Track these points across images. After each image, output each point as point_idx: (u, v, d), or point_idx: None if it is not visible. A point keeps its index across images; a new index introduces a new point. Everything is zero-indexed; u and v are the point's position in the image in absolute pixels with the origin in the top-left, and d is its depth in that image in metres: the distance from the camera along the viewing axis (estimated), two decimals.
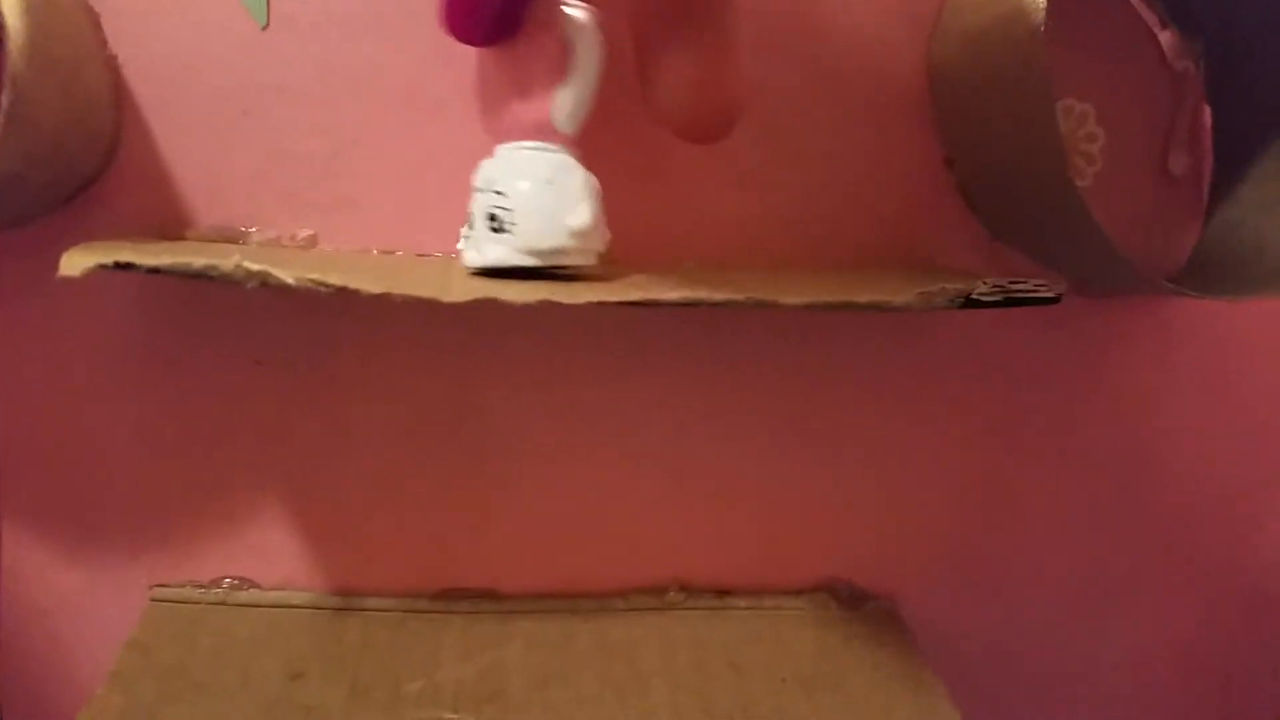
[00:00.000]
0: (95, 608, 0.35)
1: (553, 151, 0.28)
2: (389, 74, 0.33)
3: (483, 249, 0.27)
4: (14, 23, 0.26)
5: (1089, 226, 0.30)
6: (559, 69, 0.28)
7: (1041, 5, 0.29)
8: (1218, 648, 0.40)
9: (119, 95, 0.32)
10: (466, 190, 0.29)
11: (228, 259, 0.25)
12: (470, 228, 0.28)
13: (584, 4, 0.28)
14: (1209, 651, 0.40)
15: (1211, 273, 0.36)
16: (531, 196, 0.28)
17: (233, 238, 0.33)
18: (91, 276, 0.25)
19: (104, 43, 0.32)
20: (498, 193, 0.27)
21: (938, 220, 0.36)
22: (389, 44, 0.33)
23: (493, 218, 0.27)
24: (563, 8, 0.27)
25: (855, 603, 0.37)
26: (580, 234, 0.28)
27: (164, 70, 0.33)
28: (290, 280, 0.25)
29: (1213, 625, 0.40)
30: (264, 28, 0.33)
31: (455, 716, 0.31)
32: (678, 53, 0.27)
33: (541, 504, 0.36)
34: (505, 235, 0.27)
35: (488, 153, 0.29)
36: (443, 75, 0.33)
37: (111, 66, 0.32)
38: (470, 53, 0.29)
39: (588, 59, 0.28)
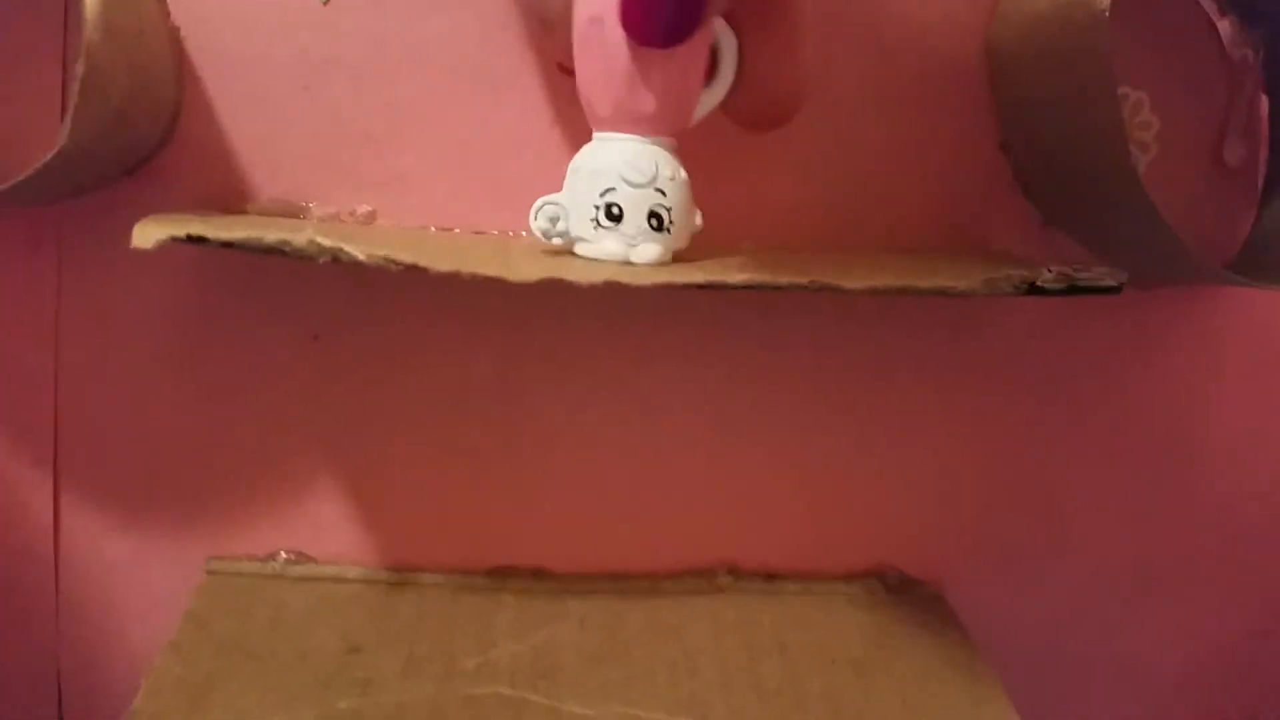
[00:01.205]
0: (150, 577, 0.35)
1: (673, 148, 0.28)
2: (448, 50, 0.33)
3: (639, 246, 0.27)
4: None
5: (1148, 214, 0.29)
6: (703, 70, 0.28)
7: None
8: (1263, 639, 0.40)
9: (180, 67, 0.32)
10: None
11: (299, 234, 0.25)
12: (614, 221, 0.27)
13: None
14: (1253, 643, 0.40)
15: (1265, 262, 0.36)
16: (685, 197, 0.28)
17: (292, 212, 0.33)
18: (154, 248, 0.25)
19: (167, 14, 0.32)
20: (660, 190, 0.27)
21: (992, 205, 0.36)
22: (448, 20, 0.33)
23: (655, 216, 0.27)
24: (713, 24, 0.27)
25: (903, 589, 0.37)
26: (696, 233, 0.29)
27: (225, 43, 0.33)
28: (362, 257, 0.25)
29: (1258, 617, 0.40)
30: (325, 3, 0.33)
31: (512, 691, 0.31)
32: (750, 45, 0.27)
33: (592, 484, 0.36)
34: (663, 235, 0.27)
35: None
36: (502, 52, 0.33)
37: (174, 38, 0.32)
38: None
39: (728, 66, 0.28)
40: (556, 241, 0.28)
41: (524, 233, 0.33)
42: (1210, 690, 0.40)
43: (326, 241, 0.25)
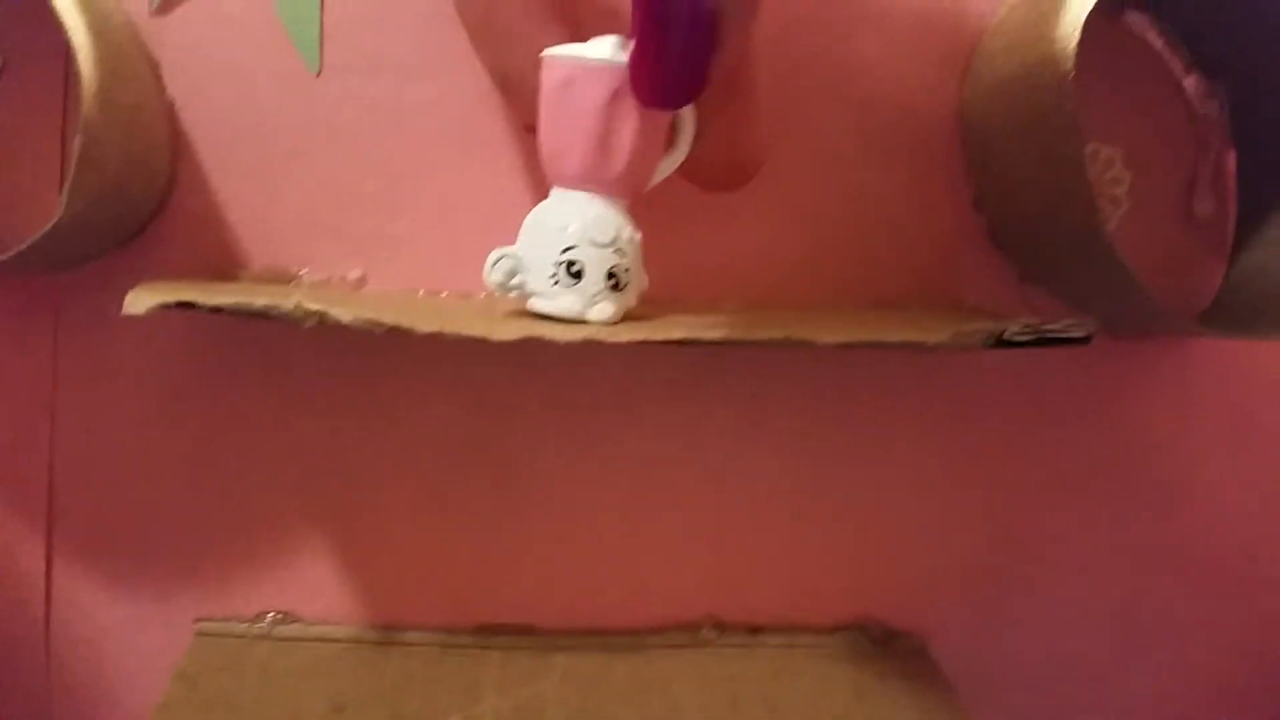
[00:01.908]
0: (141, 639, 0.35)
1: (627, 209, 0.29)
2: (436, 117, 0.34)
3: (598, 305, 0.28)
4: (88, 72, 0.27)
5: (1117, 268, 0.30)
6: (664, 135, 0.29)
7: (1071, 53, 0.30)
8: (1244, 684, 0.40)
9: (175, 139, 0.34)
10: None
11: (287, 299, 0.26)
12: (574, 279, 0.28)
13: None
14: (1235, 684, 0.40)
15: (1236, 314, 0.37)
16: (638, 258, 0.29)
17: (285, 278, 0.34)
18: (148, 314, 0.26)
19: (162, 89, 0.33)
20: (618, 251, 0.28)
21: (967, 261, 0.37)
22: (435, 88, 0.34)
23: (613, 275, 0.28)
24: None
25: (887, 641, 0.37)
26: (642, 294, 0.30)
27: (218, 115, 0.34)
28: (347, 320, 0.25)
29: (1240, 662, 0.40)
30: (317, 74, 0.34)
31: None
32: (705, 113, 0.29)
33: (577, 541, 0.37)
34: (619, 294, 0.28)
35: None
36: (488, 118, 0.34)
37: (169, 112, 0.33)
38: None
39: (686, 133, 0.29)
40: (513, 295, 0.29)
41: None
42: None
43: (312, 306, 0.26)
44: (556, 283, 0.28)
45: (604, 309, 0.28)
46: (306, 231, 0.34)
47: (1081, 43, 0.30)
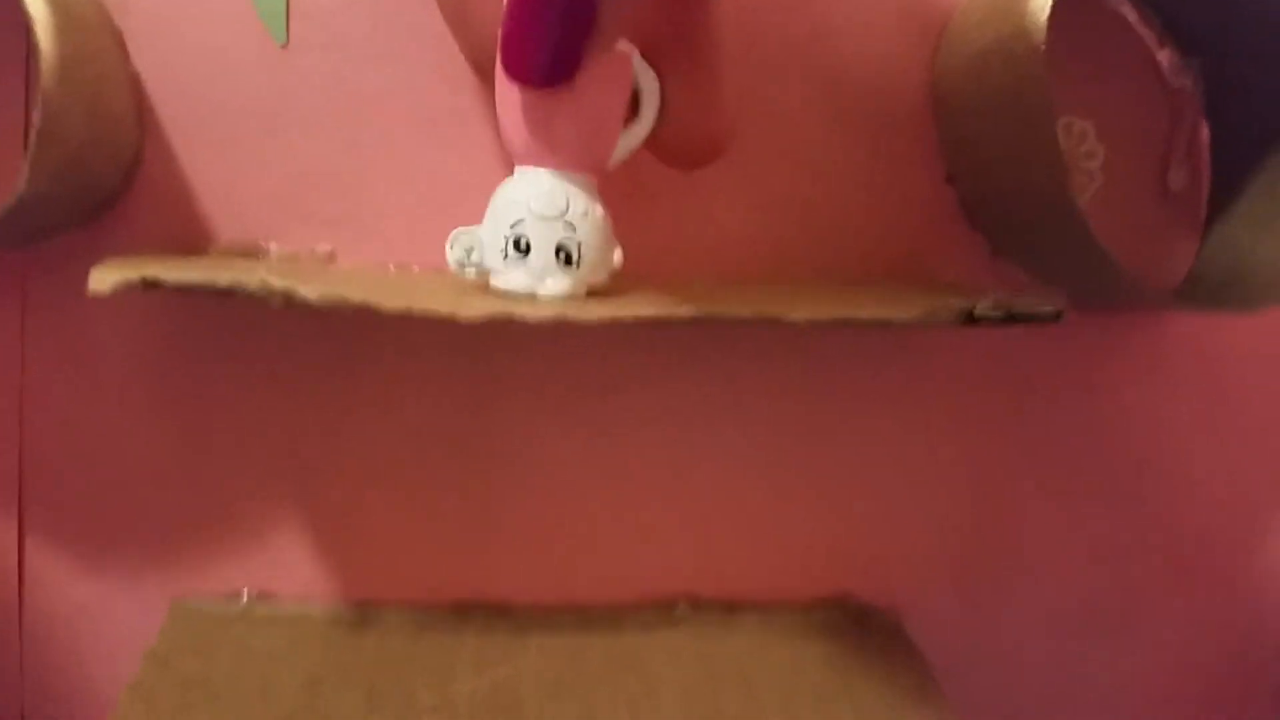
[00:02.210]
0: (116, 618, 0.35)
1: (595, 186, 0.29)
2: (403, 94, 0.34)
3: (546, 281, 0.28)
4: (46, 45, 0.26)
5: (1090, 243, 0.30)
6: (622, 110, 0.28)
7: (1042, 26, 0.29)
8: (1219, 660, 0.40)
9: (141, 113, 0.33)
10: (478, 206, 0.29)
11: (252, 276, 0.26)
12: (521, 253, 0.28)
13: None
14: (1211, 664, 0.40)
15: (1209, 287, 0.37)
16: (599, 232, 0.28)
17: (253, 253, 0.34)
18: (117, 292, 0.25)
19: (127, 60, 0.33)
20: (568, 224, 0.28)
21: (940, 237, 0.37)
22: (403, 65, 0.34)
23: (564, 250, 0.28)
24: (634, 59, 0.28)
25: (862, 617, 0.38)
26: (617, 270, 0.29)
27: (185, 88, 0.33)
28: (313, 298, 0.25)
29: (1214, 638, 0.40)
30: (283, 46, 0.34)
31: None
32: (670, 88, 0.28)
33: (553, 518, 0.37)
34: (572, 269, 0.28)
35: (498, 171, 0.30)
36: (455, 95, 0.34)
37: (134, 84, 0.33)
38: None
39: (650, 105, 0.29)
40: (470, 273, 0.29)
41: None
42: (1166, 715, 0.41)
43: (278, 283, 0.25)
44: (506, 258, 0.28)
45: (555, 284, 0.28)
46: (276, 206, 0.34)
47: (1055, 16, 0.30)
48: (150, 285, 0.26)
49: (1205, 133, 0.38)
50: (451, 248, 0.28)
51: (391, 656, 0.34)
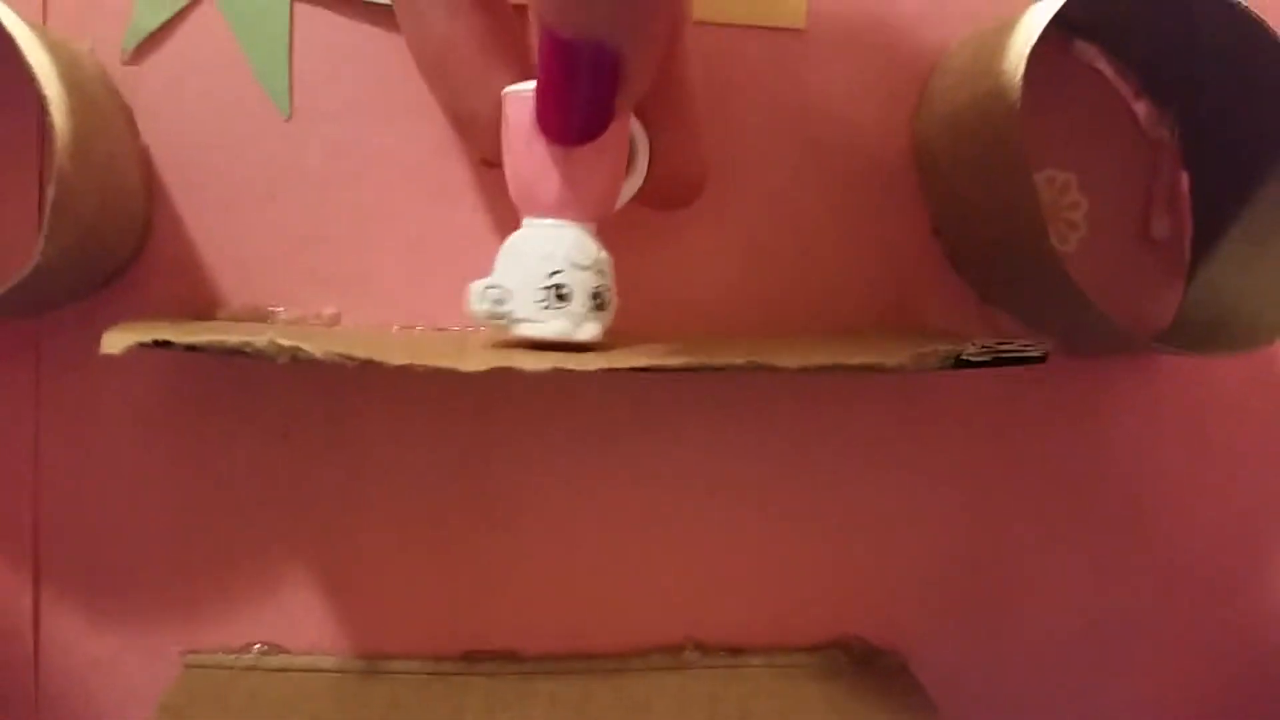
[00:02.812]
0: (129, 673, 0.36)
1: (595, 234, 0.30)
2: (404, 158, 0.35)
3: (584, 326, 0.29)
4: (61, 123, 0.27)
5: (1072, 291, 0.31)
6: (625, 157, 0.30)
7: (1017, 86, 0.30)
8: (1219, 685, 0.41)
9: (150, 184, 0.34)
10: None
11: (260, 336, 0.27)
12: (562, 302, 0.29)
13: None
14: (1211, 689, 0.41)
15: (1195, 331, 0.38)
16: (611, 277, 0.30)
17: (261, 316, 0.35)
18: (129, 354, 0.26)
19: (136, 135, 0.34)
20: (600, 272, 0.29)
21: (928, 287, 0.38)
22: (403, 132, 0.35)
23: (598, 295, 0.29)
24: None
25: (867, 659, 0.38)
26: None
27: (192, 159, 0.35)
28: (319, 354, 0.26)
29: (1213, 663, 0.41)
30: (287, 118, 0.35)
31: None
32: (654, 136, 0.30)
33: (560, 567, 0.37)
34: (603, 313, 0.29)
35: (498, 232, 0.31)
36: (453, 158, 0.35)
37: (144, 158, 0.34)
38: None
39: (642, 157, 0.30)
40: (497, 322, 0.29)
41: (482, 328, 0.35)
42: None
43: (285, 342, 0.26)
44: (546, 307, 0.29)
45: (591, 328, 0.29)
46: (281, 271, 0.35)
47: (1032, 72, 0.30)
48: (161, 345, 0.27)
49: (1185, 181, 0.39)
50: (480, 300, 0.29)
51: (402, 706, 0.34)
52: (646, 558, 0.38)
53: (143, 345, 0.26)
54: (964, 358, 0.29)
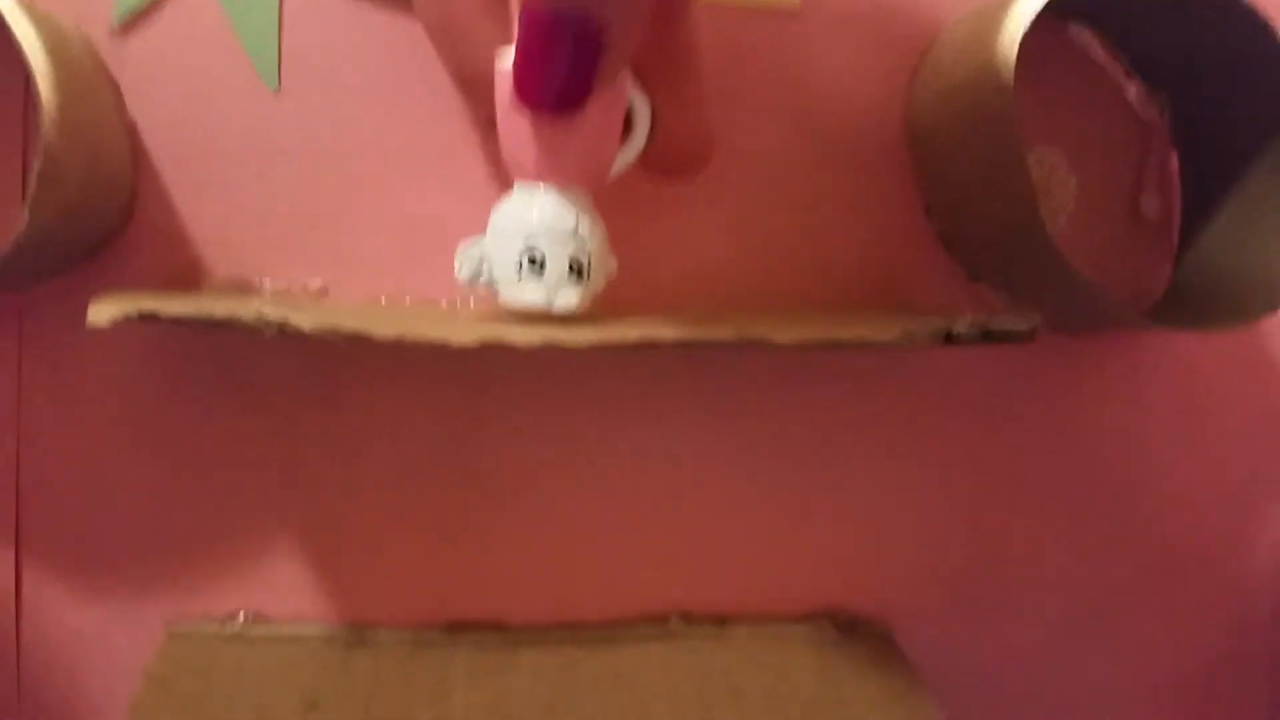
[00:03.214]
0: (113, 643, 0.36)
1: (589, 199, 0.29)
2: (391, 133, 0.35)
3: (561, 294, 0.29)
4: (47, 95, 0.27)
5: (1063, 267, 0.31)
6: (619, 128, 0.29)
7: (1011, 64, 0.31)
8: (1205, 665, 0.41)
9: (137, 157, 0.34)
10: (465, 238, 0.30)
11: (247, 308, 0.26)
12: (537, 270, 0.29)
13: None
14: (1197, 669, 0.41)
15: (1184, 307, 0.38)
16: (602, 246, 0.29)
17: (247, 289, 0.35)
18: (113, 327, 0.26)
19: (123, 108, 0.34)
20: (579, 240, 0.29)
21: (920, 264, 0.38)
22: (390, 106, 0.35)
23: (575, 264, 0.29)
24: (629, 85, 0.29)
25: (852, 629, 0.38)
26: (611, 278, 0.30)
27: (179, 133, 0.34)
28: (308, 328, 0.26)
29: (1200, 642, 0.41)
30: (275, 91, 0.35)
31: None
32: (657, 103, 0.30)
33: (545, 537, 0.37)
34: (582, 282, 0.29)
35: (486, 204, 0.31)
36: (441, 133, 0.35)
37: (130, 130, 0.34)
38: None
39: (642, 125, 0.30)
40: (477, 285, 0.30)
41: (471, 301, 0.35)
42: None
43: (273, 315, 0.26)
44: (521, 274, 0.29)
45: (568, 297, 0.29)
46: (268, 244, 0.35)
47: (1025, 53, 0.31)
48: (147, 317, 0.26)
49: (1175, 160, 0.40)
50: (461, 265, 0.30)
51: (387, 676, 0.35)
52: (632, 528, 0.38)
53: (129, 317, 0.26)
54: (953, 333, 0.29)
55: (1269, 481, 0.41)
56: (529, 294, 0.29)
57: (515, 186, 0.29)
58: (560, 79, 0.26)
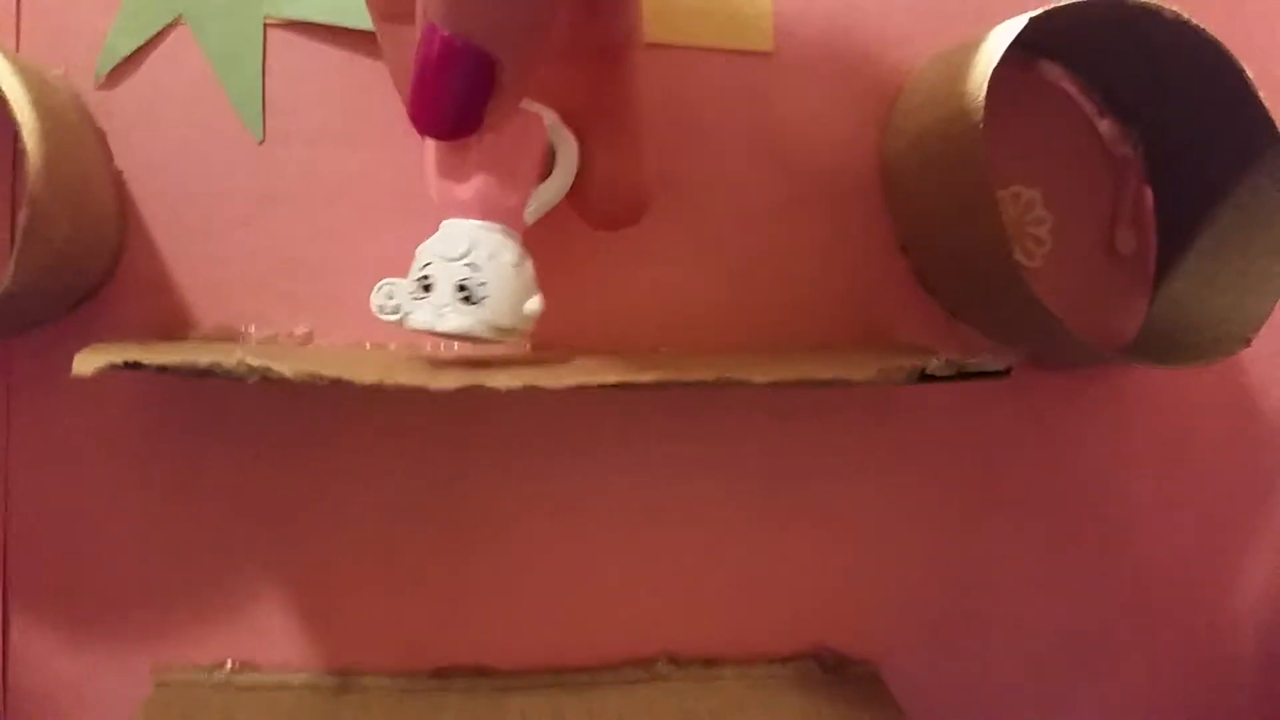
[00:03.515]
0: (100, 692, 0.36)
1: (516, 239, 0.30)
2: (375, 182, 0.36)
3: (445, 316, 0.29)
4: (33, 148, 0.28)
5: (1037, 306, 0.32)
6: (538, 166, 0.30)
7: (980, 105, 0.31)
8: (1191, 693, 0.41)
9: (123, 206, 0.35)
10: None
11: (230, 356, 0.27)
12: (425, 292, 0.29)
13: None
14: (1184, 697, 0.41)
15: (1160, 343, 0.38)
16: (507, 277, 0.29)
17: (233, 337, 0.35)
18: (100, 375, 0.27)
19: (110, 158, 0.34)
20: (470, 265, 0.29)
21: (898, 303, 0.38)
22: (372, 154, 0.36)
23: (463, 288, 0.29)
24: (547, 119, 0.30)
25: (839, 668, 0.38)
26: (532, 319, 0.30)
27: (166, 182, 0.35)
28: (289, 374, 0.26)
29: (1185, 672, 0.41)
30: (260, 142, 0.35)
31: None
32: (591, 151, 0.30)
33: (531, 582, 0.37)
34: (474, 308, 0.29)
35: None
36: (422, 182, 0.35)
37: (117, 181, 0.34)
38: None
39: (566, 164, 0.30)
40: (391, 318, 0.30)
41: (455, 345, 0.35)
42: None
43: (255, 361, 0.27)
44: (414, 298, 0.29)
45: (455, 319, 0.29)
46: (254, 292, 0.35)
47: (997, 92, 0.31)
48: (132, 367, 0.27)
49: (1149, 197, 0.40)
50: (375, 295, 0.30)
51: None
52: (618, 571, 0.38)
53: (114, 366, 0.27)
54: (928, 373, 0.30)
55: (1251, 514, 0.41)
56: (419, 316, 0.29)
57: None
58: (449, 106, 0.26)
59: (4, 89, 0.28)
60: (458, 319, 0.29)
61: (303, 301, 0.36)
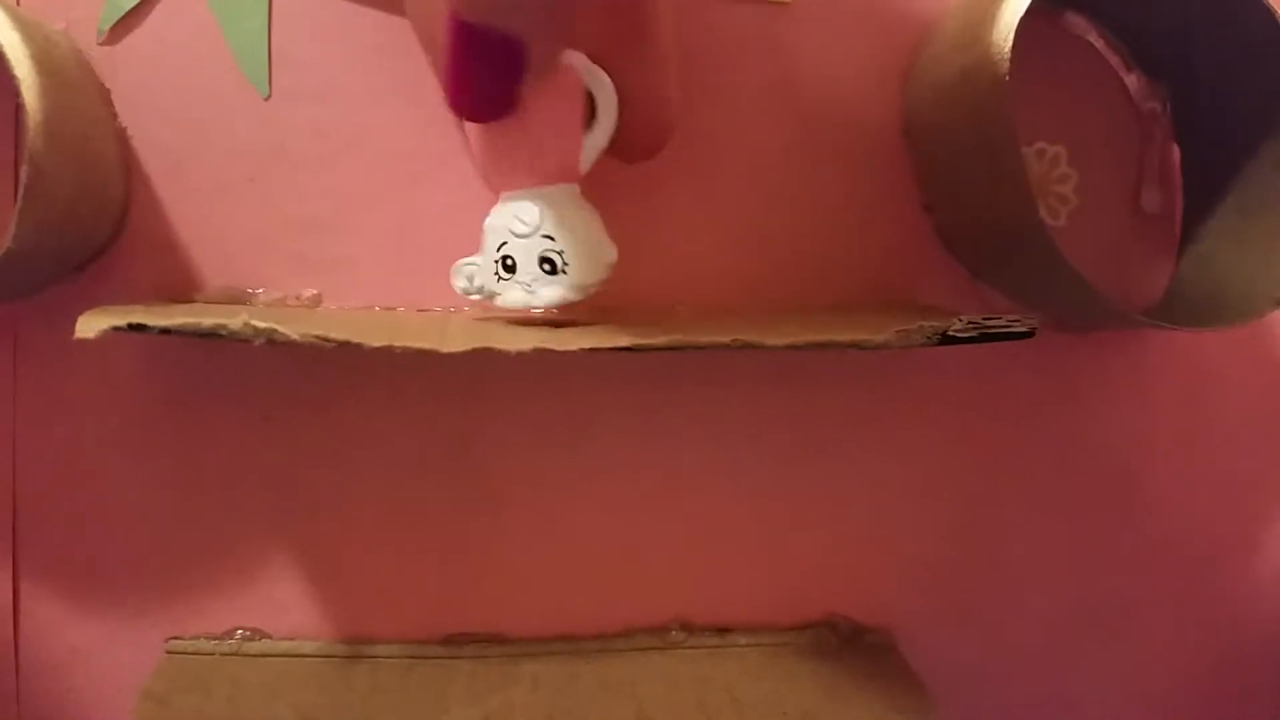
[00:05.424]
0: (111, 661, 0.35)
1: (576, 192, 0.30)
2: (385, 139, 0.35)
3: (537, 292, 0.29)
4: (33, 104, 0.27)
5: (1062, 266, 0.31)
6: (579, 118, 0.29)
7: (1006, 56, 0.30)
8: (1210, 665, 0.41)
9: (128, 165, 0.34)
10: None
11: (235, 318, 0.26)
12: (509, 272, 0.30)
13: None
14: (1202, 669, 0.41)
15: (1186, 305, 0.37)
16: (581, 236, 0.29)
17: (240, 299, 0.35)
18: (106, 339, 0.26)
19: (114, 115, 0.34)
20: (546, 236, 0.29)
21: (920, 263, 0.38)
22: (384, 112, 0.35)
23: (547, 261, 0.29)
24: (579, 65, 0.29)
25: (854, 636, 0.38)
26: (611, 267, 0.30)
27: (171, 140, 0.34)
28: (295, 336, 0.26)
29: (1204, 642, 0.40)
30: (266, 98, 0.34)
31: None
32: (620, 85, 0.29)
33: (544, 548, 0.37)
34: (561, 277, 0.29)
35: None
36: (435, 139, 0.35)
37: (121, 138, 0.34)
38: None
39: (607, 106, 0.30)
40: (476, 298, 0.31)
41: (465, 308, 0.35)
42: None
43: (261, 323, 0.26)
44: (500, 279, 0.30)
45: (548, 294, 0.29)
46: (261, 253, 0.35)
47: (1022, 45, 0.30)
48: (136, 329, 0.26)
49: (1176, 154, 0.39)
50: (456, 277, 0.31)
51: (385, 690, 0.34)
52: (632, 538, 0.37)
53: (117, 329, 0.26)
54: (950, 334, 0.29)
55: (1274, 479, 0.40)
56: (511, 296, 0.30)
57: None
58: (483, 90, 0.27)
59: (3, 45, 0.28)
60: (549, 292, 0.29)
61: (311, 263, 0.35)
